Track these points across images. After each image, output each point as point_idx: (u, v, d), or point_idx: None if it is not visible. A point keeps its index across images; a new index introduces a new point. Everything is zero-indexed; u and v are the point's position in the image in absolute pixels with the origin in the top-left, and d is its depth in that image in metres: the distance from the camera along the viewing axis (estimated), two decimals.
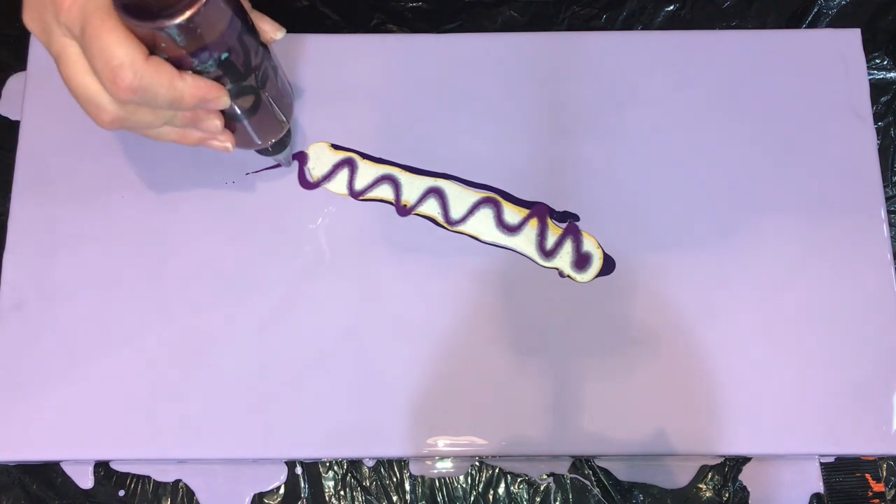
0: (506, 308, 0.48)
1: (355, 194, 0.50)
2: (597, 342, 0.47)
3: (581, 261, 0.49)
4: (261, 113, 0.41)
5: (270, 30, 0.39)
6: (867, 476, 0.48)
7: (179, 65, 0.36)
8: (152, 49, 0.35)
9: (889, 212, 0.50)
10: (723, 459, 0.48)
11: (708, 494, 0.48)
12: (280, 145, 0.46)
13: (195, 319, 0.47)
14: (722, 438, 0.46)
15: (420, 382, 0.46)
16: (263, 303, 0.48)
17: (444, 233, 0.49)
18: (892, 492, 0.48)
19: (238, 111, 0.40)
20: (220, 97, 0.38)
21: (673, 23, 0.55)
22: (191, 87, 0.36)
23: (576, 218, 0.49)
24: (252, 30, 0.38)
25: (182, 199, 0.49)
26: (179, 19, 0.33)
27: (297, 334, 0.47)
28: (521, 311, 0.48)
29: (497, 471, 0.48)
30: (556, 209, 0.49)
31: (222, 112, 0.40)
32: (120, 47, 0.34)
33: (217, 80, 0.37)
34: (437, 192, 0.50)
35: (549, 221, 0.49)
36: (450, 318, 0.47)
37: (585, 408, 0.46)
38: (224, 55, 0.36)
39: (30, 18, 0.36)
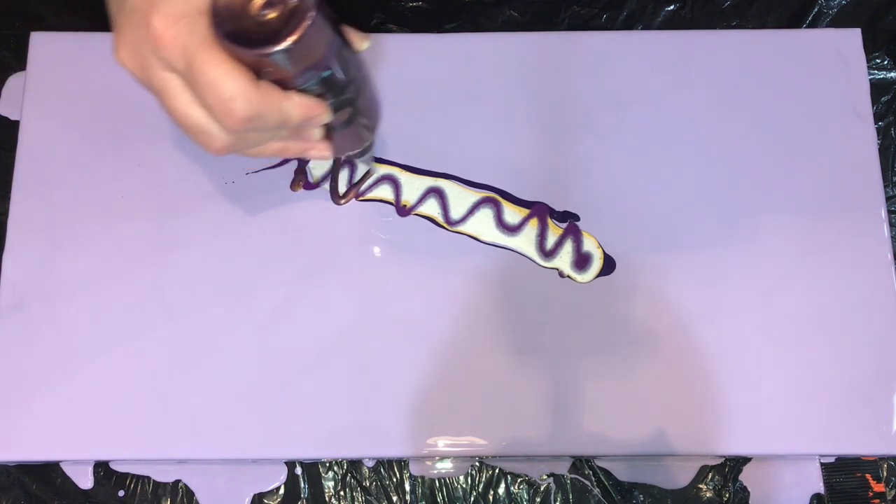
0: (506, 308, 0.48)
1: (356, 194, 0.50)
2: (597, 342, 0.47)
3: (581, 261, 0.49)
4: (355, 121, 0.42)
5: (357, 41, 0.39)
6: (867, 476, 0.48)
7: (284, 84, 0.36)
8: (258, 73, 0.35)
9: (889, 212, 0.50)
10: (723, 460, 0.48)
11: (708, 495, 0.48)
12: (367, 150, 0.46)
13: (195, 319, 0.47)
14: (722, 438, 0.46)
15: (420, 382, 0.46)
16: (263, 303, 0.48)
17: (444, 233, 0.49)
18: (893, 492, 0.48)
19: (336, 122, 0.40)
20: (324, 113, 0.38)
21: (673, 23, 0.55)
22: (297, 106, 0.36)
23: (576, 218, 0.49)
24: (346, 44, 0.38)
25: (182, 199, 0.49)
26: (286, 44, 0.33)
27: (297, 334, 0.47)
28: (521, 311, 0.48)
29: (497, 471, 0.48)
30: (557, 209, 0.49)
31: None
32: (229, 79, 0.33)
33: (319, 96, 0.37)
34: (437, 192, 0.50)
35: (550, 221, 0.49)
36: (450, 318, 0.47)
37: (585, 408, 0.46)
38: (326, 72, 0.36)
39: (125, 56, 0.36)
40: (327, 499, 0.48)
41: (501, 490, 0.48)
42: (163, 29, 0.33)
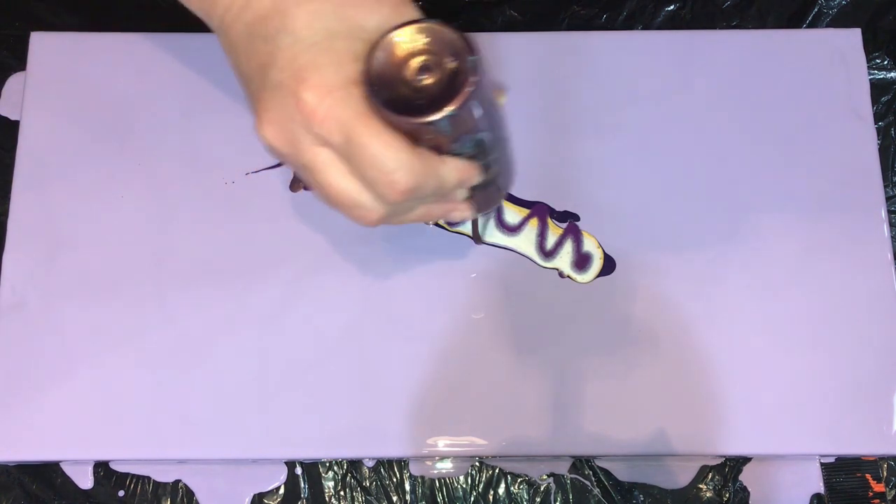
0: (506, 308, 0.48)
1: None
2: (597, 342, 0.47)
3: (581, 261, 0.49)
4: (497, 180, 0.39)
5: (497, 95, 0.37)
6: (867, 476, 0.48)
7: (438, 149, 0.34)
8: (414, 140, 0.33)
9: (889, 212, 0.50)
10: (723, 460, 0.48)
11: (708, 495, 0.48)
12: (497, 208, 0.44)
13: (195, 319, 0.47)
14: (722, 438, 0.46)
15: (420, 382, 0.46)
16: (263, 303, 0.48)
17: (444, 233, 0.49)
18: (893, 492, 0.48)
19: (483, 182, 0.39)
20: (476, 175, 0.36)
21: (673, 23, 0.55)
22: (452, 171, 0.35)
23: (576, 218, 0.49)
24: (495, 102, 0.36)
25: (182, 199, 0.49)
26: (448, 111, 0.31)
27: (297, 334, 0.47)
28: (521, 311, 0.48)
29: (497, 471, 0.48)
30: (557, 209, 0.49)
31: None
32: (391, 151, 0.32)
33: (470, 157, 0.35)
34: None
35: (550, 221, 0.49)
36: (450, 318, 0.47)
37: (585, 408, 0.46)
38: (481, 135, 0.34)
39: (271, 133, 0.33)
40: (327, 499, 0.48)
41: (501, 490, 0.48)
42: (316, 103, 0.31)
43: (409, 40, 0.32)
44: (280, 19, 0.32)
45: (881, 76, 0.54)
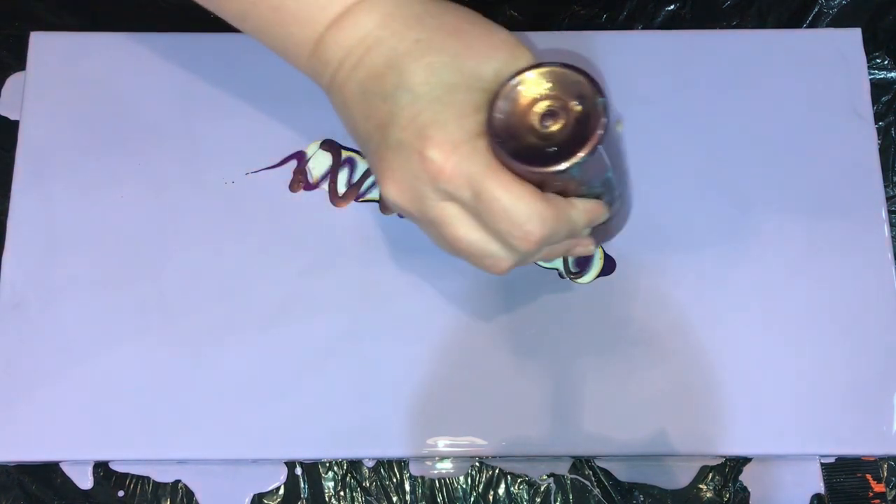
0: (506, 308, 0.48)
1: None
2: (597, 343, 0.47)
3: (581, 261, 0.49)
4: (620, 212, 0.39)
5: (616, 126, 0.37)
6: (868, 476, 0.48)
7: (566, 192, 0.33)
8: (542, 186, 0.32)
9: (890, 212, 0.50)
10: (723, 460, 0.48)
11: (708, 495, 0.48)
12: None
13: (195, 319, 0.47)
14: (722, 439, 0.46)
15: (420, 382, 0.46)
16: (263, 303, 0.48)
17: None
18: (893, 492, 0.48)
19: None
20: (604, 213, 0.36)
21: (673, 23, 0.55)
22: (582, 214, 0.34)
23: None
24: (618, 138, 0.35)
25: (182, 199, 0.49)
26: (578, 158, 0.30)
27: (297, 334, 0.47)
28: (521, 311, 0.48)
29: (497, 471, 0.48)
30: None
31: None
32: (523, 203, 0.31)
33: (597, 196, 0.34)
34: None
35: None
36: (450, 318, 0.47)
37: (585, 408, 0.46)
38: (609, 173, 0.33)
39: (395, 192, 0.33)
40: (327, 499, 0.48)
41: (501, 490, 0.48)
42: (442, 160, 0.31)
43: (531, 86, 0.31)
44: (397, 76, 0.32)
45: (881, 76, 0.54)
